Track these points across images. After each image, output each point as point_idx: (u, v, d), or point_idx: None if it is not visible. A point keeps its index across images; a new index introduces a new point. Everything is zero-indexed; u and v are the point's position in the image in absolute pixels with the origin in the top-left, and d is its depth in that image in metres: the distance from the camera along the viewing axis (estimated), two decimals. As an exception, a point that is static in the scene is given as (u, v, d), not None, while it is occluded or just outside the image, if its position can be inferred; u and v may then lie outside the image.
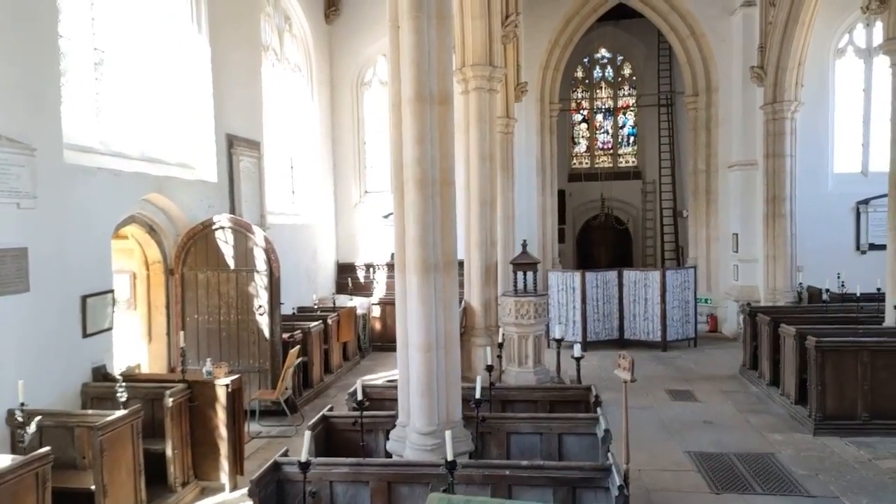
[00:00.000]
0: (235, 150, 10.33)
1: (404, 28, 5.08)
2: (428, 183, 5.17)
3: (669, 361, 12.05)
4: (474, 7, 9.38)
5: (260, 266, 8.82)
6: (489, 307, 10.14)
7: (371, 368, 11.99)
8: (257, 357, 8.90)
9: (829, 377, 7.82)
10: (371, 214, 14.97)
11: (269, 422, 8.70)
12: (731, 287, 14.26)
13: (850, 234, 13.73)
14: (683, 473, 6.82)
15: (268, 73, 12.25)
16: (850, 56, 14.09)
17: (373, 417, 5.59)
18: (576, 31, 15.29)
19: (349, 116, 15.31)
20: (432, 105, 5.15)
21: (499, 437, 5.40)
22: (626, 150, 21.25)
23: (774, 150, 12.57)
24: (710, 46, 14.42)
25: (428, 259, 5.20)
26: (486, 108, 9.78)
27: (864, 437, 7.63)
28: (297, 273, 12.84)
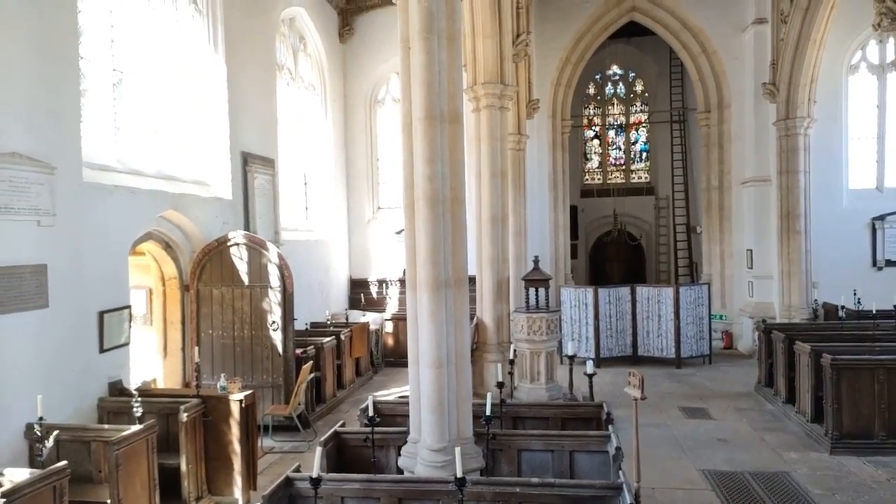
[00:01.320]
0: (250, 167, 10.49)
1: (415, 49, 5.17)
2: (438, 201, 5.24)
3: (683, 378, 11.96)
4: (485, 26, 9.51)
5: (273, 282, 8.91)
6: (501, 323, 10.16)
7: (383, 384, 12.01)
8: (270, 372, 8.97)
9: (845, 395, 7.73)
10: (384, 230, 15.07)
11: (283, 437, 8.74)
12: (746, 303, 14.15)
13: (866, 250, 13.60)
14: (697, 492, 6.76)
15: (282, 91, 12.45)
16: (863, 72, 14.05)
17: (384, 433, 5.62)
18: (587, 48, 15.39)
19: (362, 133, 15.49)
20: (442, 124, 5.23)
21: (510, 454, 5.40)
22: (639, 166, 21.24)
23: (788, 167, 12.53)
24: (722, 63, 14.45)
25: (439, 276, 5.25)
26: (497, 125, 9.88)
27: (882, 456, 7.52)
28: (311, 289, 12.94)
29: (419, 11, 5.11)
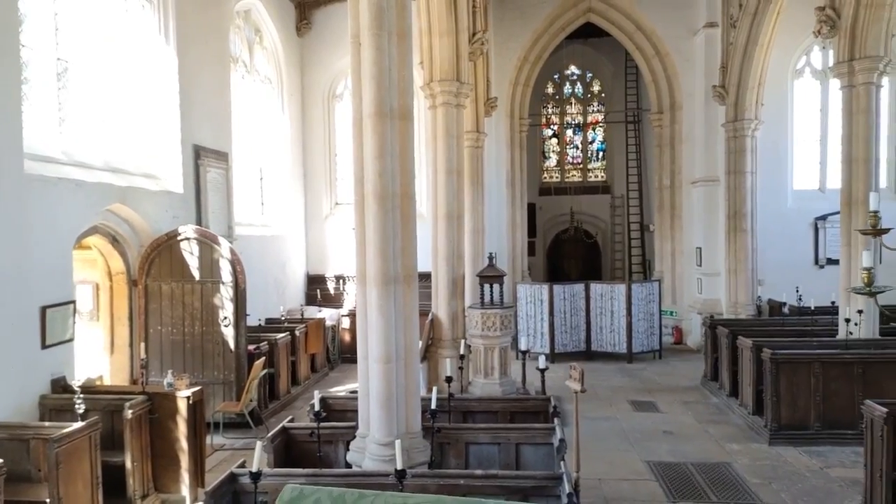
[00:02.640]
0: (203, 160, 10.32)
1: (365, 45, 5.18)
2: (388, 197, 5.27)
3: (634, 373, 12.25)
4: (441, 24, 9.55)
5: (226, 277, 8.81)
6: (456, 319, 10.24)
7: (339, 380, 11.98)
8: (222, 369, 8.86)
9: (783, 388, 8.05)
10: (342, 226, 14.99)
11: (234, 434, 8.65)
12: (695, 300, 14.56)
13: (809, 249, 14.14)
14: (642, 483, 6.96)
15: (237, 84, 12.27)
16: (807, 77, 14.59)
17: (333, 428, 5.63)
18: (545, 48, 15.57)
19: (320, 128, 15.37)
20: (392, 120, 5.26)
21: (457, 448, 5.47)
22: (596, 165, 21.60)
23: (736, 167, 12.94)
24: (675, 65, 14.80)
25: (388, 272, 5.28)
26: (453, 122, 9.92)
27: (817, 446, 7.86)
28: (266, 284, 12.80)
29: (369, 8, 5.12)
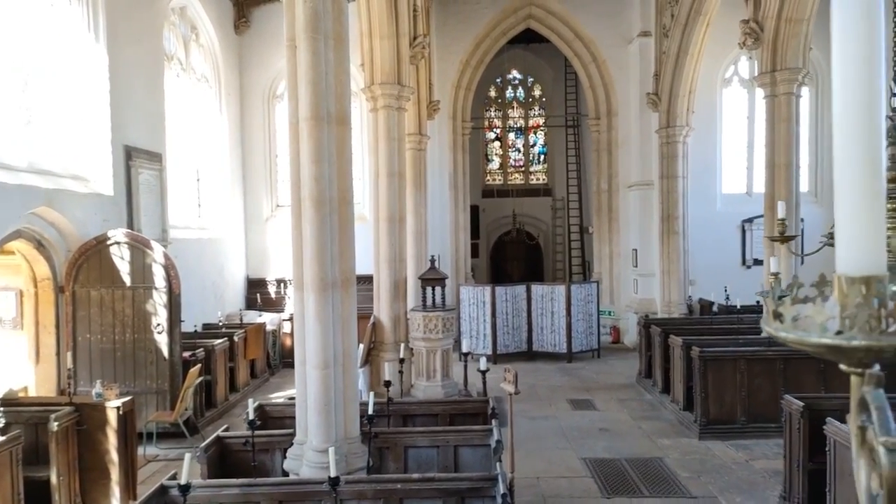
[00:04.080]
0: (134, 162, 9.98)
1: (301, 48, 5.14)
2: (325, 201, 5.24)
3: (573, 372, 12.53)
4: (382, 27, 9.55)
5: (159, 283, 8.55)
6: (399, 322, 10.25)
7: (280, 386, 11.79)
8: (155, 377, 8.59)
9: (711, 384, 8.40)
10: (283, 229, 14.73)
11: (168, 444, 8.39)
12: (632, 300, 15.01)
13: (736, 250, 14.79)
14: (578, 480, 7.13)
15: (172, 83, 11.92)
16: (735, 86, 15.27)
17: (270, 436, 5.55)
18: (487, 52, 15.75)
19: (260, 129, 15.09)
20: (330, 125, 5.24)
21: (396, 452, 5.49)
22: (537, 169, 21.98)
23: (668, 172, 13.42)
24: (611, 73, 15.23)
25: (325, 277, 5.26)
26: (394, 125, 9.94)
27: (743, 439, 8.23)
28: (203, 289, 12.48)
29: (305, 11, 5.09)
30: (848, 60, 0.54)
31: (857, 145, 0.53)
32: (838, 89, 0.55)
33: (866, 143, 0.53)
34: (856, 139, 0.53)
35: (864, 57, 0.52)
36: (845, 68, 0.54)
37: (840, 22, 0.54)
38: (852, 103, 0.53)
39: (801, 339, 0.55)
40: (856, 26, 0.51)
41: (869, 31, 0.51)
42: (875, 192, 0.52)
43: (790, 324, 0.56)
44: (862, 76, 0.53)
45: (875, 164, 0.53)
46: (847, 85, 0.54)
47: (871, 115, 0.52)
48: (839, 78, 0.56)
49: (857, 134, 0.53)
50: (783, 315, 0.57)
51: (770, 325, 0.61)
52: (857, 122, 0.53)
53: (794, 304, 0.58)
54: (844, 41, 0.54)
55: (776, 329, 0.60)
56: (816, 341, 0.54)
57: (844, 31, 0.54)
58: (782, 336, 0.57)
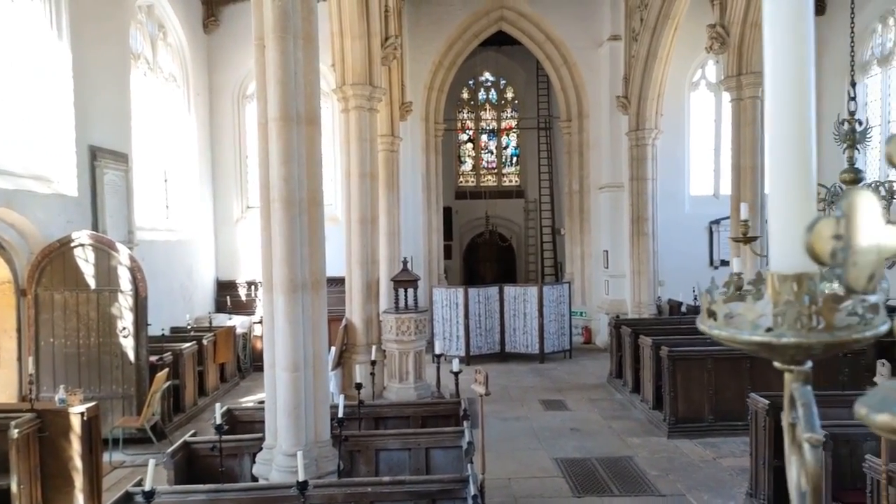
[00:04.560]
0: (99, 162, 9.77)
1: (270, 48, 5.10)
2: (295, 202, 5.19)
3: (546, 373, 12.60)
4: (353, 27, 9.50)
5: (124, 286, 8.38)
6: (371, 324, 10.19)
7: (250, 389, 11.63)
8: (121, 382, 8.42)
9: (680, 384, 8.53)
10: (254, 230, 14.46)
11: (135, 450, 8.24)
12: (603, 301, 15.16)
13: (704, 251, 15.03)
14: (549, 480, 7.17)
15: (139, 82, 11.71)
16: (702, 89, 15.54)
17: (238, 441, 5.48)
18: (459, 54, 15.78)
19: (230, 129, 14.90)
20: (299, 125, 5.19)
21: (367, 455, 5.46)
22: (510, 170, 22.09)
23: (638, 174, 13.59)
24: (582, 75, 15.37)
25: (295, 279, 5.21)
26: (366, 126, 9.89)
27: (710, 437, 8.36)
28: (171, 292, 12.27)
29: (273, 10, 5.04)
30: (778, 61, 0.55)
31: (788, 147, 0.54)
32: (770, 92, 0.57)
33: (797, 146, 0.54)
34: (787, 142, 0.54)
35: (794, 57, 0.53)
36: (776, 70, 0.56)
37: (770, 26, 0.55)
38: (783, 106, 0.54)
39: (733, 337, 0.56)
40: (787, 29, 0.52)
41: (799, 32, 0.52)
42: (806, 193, 0.53)
43: (723, 321, 0.57)
44: (792, 78, 0.54)
45: (806, 166, 0.54)
46: (778, 87, 0.55)
47: (801, 118, 0.54)
48: (770, 80, 0.57)
49: (788, 137, 0.54)
50: (716, 313, 0.58)
51: (704, 323, 0.62)
52: (789, 126, 0.54)
53: (728, 301, 0.59)
54: (775, 43, 0.55)
55: (710, 327, 0.60)
56: (747, 339, 0.55)
57: (775, 32, 0.55)
58: (715, 333, 0.58)
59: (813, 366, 0.55)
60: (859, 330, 0.52)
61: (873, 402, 0.42)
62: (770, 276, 0.55)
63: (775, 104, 0.56)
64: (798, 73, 0.54)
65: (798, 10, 0.53)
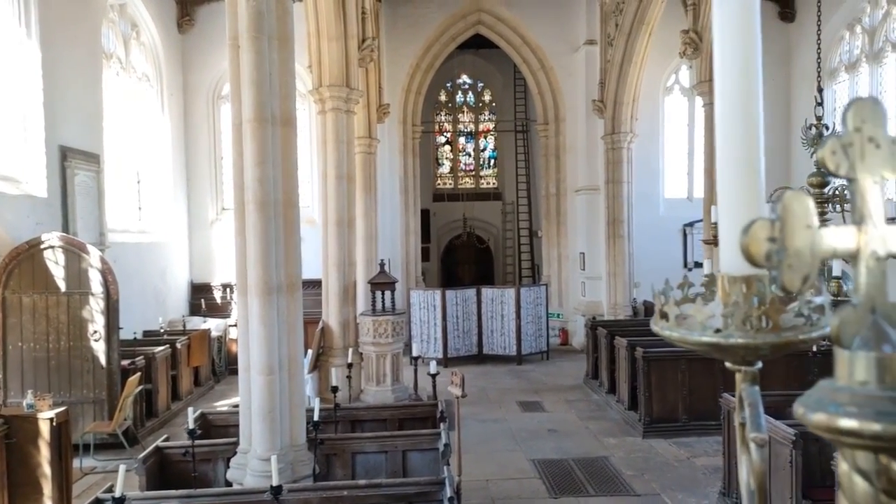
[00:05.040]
0: (70, 162, 9.59)
1: (244, 48, 5.05)
2: (270, 204, 5.15)
3: (523, 374, 12.66)
4: (330, 28, 9.47)
5: (96, 288, 8.23)
6: (348, 327, 10.15)
7: (225, 393, 11.50)
8: (92, 387, 8.27)
9: (654, 384, 8.62)
10: (229, 232, 14.22)
11: (106, 455, 8.08)
12: (580, 302, 15.27)
13: (678, 253, 15.21)
14: (526, 481, 7.20)
15: (111, 82, 11.53)
16: (676, 94, 15.74)
17: (212, 445, 5.42)
18: (436, 57, 15.79)
19: (205, 130, 14.73)
20: (274, 126, 5.16)
21: (344, 458, 5.43)
22: (487, 173, 22.15)
23: (614, 177, 13.73)
24: (558, 79, 15.48)
25: (270, 281, 5.17)
26: (343, 128, 9.86)
27: (685, 437, 8.47)
28: (144, 294, 12.08)
29: (248, 11, 5.00)
30: (726, 66, 0.56)
31: (735, 153, 0.56)
32: (718, 97, 0.58)
33: (745, 152, 0.55)
34: (735, 148, 0.56)
35: (742, 62, 0.55)
36: (724, 75, 0.57)
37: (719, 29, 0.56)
38: (732, 112, 0.55)
39: (684, 338, 0.57)
40: (734, 33, 0.54)
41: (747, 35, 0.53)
42: (754, 197, 0.55)
43: (675, 322, 0.58)
44: (740, 84, 0.55)
45: (753, 171, 0.55)
46: (726, 93, 0.57)
47: (748, 124, 0.55)
48: (719, 85, 0.58)
49: (735, 143, 0.56)
50: (668, 314, 0.59)
51: (657, 324, 0.63)
52: (736, 132, 0.55)
53: (681, 303, 0.60)
54: (723, 46, 0.56)
55: (662, 328, 0.61)
56: (697, 339, 0.56)
57: (723, 36, 0.56)
58: (666, 334, 0.59)
59: (775, 366, 0.56)
60: (805, 331, 0.53)
61: (810, 402, 0.43)
62: (720, 277, 0.56)
63: (723, 111, 0.57)
64: (746, 82, 0.56)
65: (746, 20, 0.54)
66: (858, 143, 0.44)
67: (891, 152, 0.43)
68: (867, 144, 0.44)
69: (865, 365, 0.42)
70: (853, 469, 0.41)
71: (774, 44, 14.45)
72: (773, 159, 14.56)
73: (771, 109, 14.73)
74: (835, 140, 0.45)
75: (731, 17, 0.54)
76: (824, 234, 0.44)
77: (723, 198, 0.58)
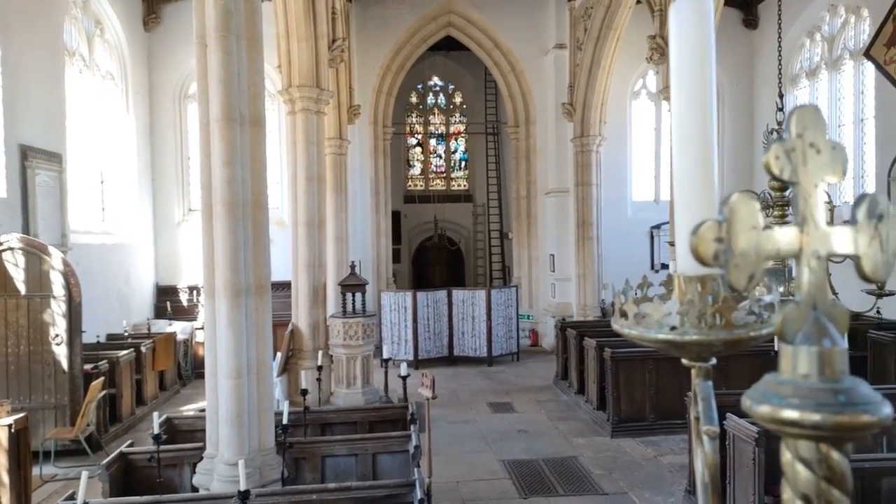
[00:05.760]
0: (30, 162, 9.34)
1: (212, 47, 4.99)
2: (238, 205, 5.09)
3: (494, 375, 12.71)
4: (299, 28, 9.40)
5: (57, 291, 8.03)
6: (318, 329, 10.07)
7: (192, 398, 11.30)
8: (53, 392, 8.06)
9: (622, 384, 8.74)
10: (196, 234, 14.01)
11: (68, 462, 7.89)
12: (550, 304, 15.40)
13: (646, 254, 15.45)
14: (497, 482, 7.24)
15: (74, 80, 11.26)
16: (643, 98, 16.00)
17: (178, 451, 5.33)
18: (407, 58, 15.78)
19: (171, 130, 14.48)
20: (243, 127, 5.10)
21: (313, 462, 5.39)
22: (458, 175, 22.21)
23: (583, 180, 13.89)
24: (528, 82, 15.60)
25: (238, 283, 5.11)
26: (313, 129, 9.79)
27: (652, 436, 8.59)
28: (108, 297, 11.82)
29: (215, 9, 4.94)
30: (683, 75, 0.58)
31: (691, 158, 0.58)
32: (675, 105, 0.60)
33: (699, 157, 0.58)
34: (690, 154, 0.58)
35: (698, 72, 0.57)
36: (680, 82, 0.59)
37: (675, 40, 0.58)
38: (688, 121, 0.58)
39: (642, 336, 0.59)
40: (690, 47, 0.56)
41: (702, 46, 0.55)
42: (708, 201, 0.57)
43: (633, 321, 0.60)
44: (696, 91, 0.58)
45: (708, 176, 0.58)
46: (682, 100, 0.59)
47: (704, 132, 0.57)
48: (675, 92, 0.60)
49: (691, 149, 0.58)
50: (627, 313, 0.61)
51: (617, 322, 0.65)
52: (692, 139, 0.57)
53: (640, 302, 0.62)
54: (679, 56, 0.58)
55: (621, 326, 0.63)
56: (654, 336, 0.58)
57: (679, 45, 0.58)
58: (626, 332, 0.61)
59: (740, 365, 0.58)
60: (756, 328, 0.56)
61: (756, 395, 0.45)
62: (677, 277, 0.58)
63: (680, 119, 0.59)
64: (700, 95, 0.58)
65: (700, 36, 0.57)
66: (800, 149, 0.47)
67: (831, 157, 0.46)
68: (808, 150, 0.47)
69: (807, 359, 0.44)
70: (796, 458, 0.44)
71: (738, 50, 14.80)
72: (738, 162, 14.91)
73: (735, 113, 15.09)
74: (778, 145, 0.48)
75: (686, 32, 0.56)
76: (769, 234, 0.46)
77: (679, 202, 0.60)
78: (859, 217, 0.45)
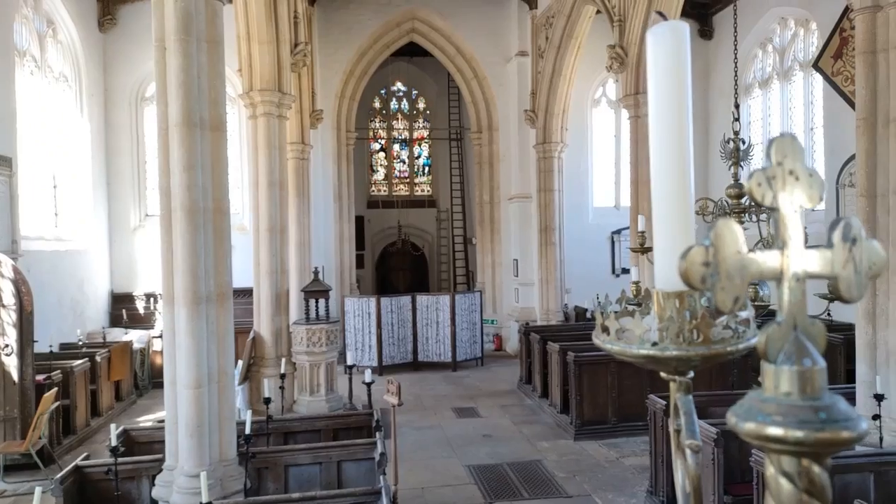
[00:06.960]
0: (-22, 166, 8.99)
1: (171, 50, 4.89)
2: (198, 211, 5.00)
3: (458, 380, 12.73)
4: (261, 32, 9.29)
5: (7, 299, 7.74)
6: (280, 336, 9.93)
7: (150, 408, 11.01)
8: (3, 404, 7.75)
9: (585, 387, 8.85)
10: (153, 239, 13.66)
11: (19, 477, 7.60)
12: (513, 309, 15.51)
13: (607, 259, 15.70)
14: (462, 487, 7.25)
15: (24, 81, 10.89)
16: (603, 106, 16.28)
17: (136, 463, 5.18)
18: (370, 64, 15.74)
19: (127, 133, 14.11)
20: (203, 131, 5.01)
21: (276, 472, 5.30)
22: (422, 180, 22.22)
23: (545, 185, 14.04)
24: (491, 89, 15.72)
25: (199, 290, 5.01)
26: (275, 133, 9.68)
27: (614, 438, 8.73)
28: (61, 305, 11.44)
29: (175, 12, 4.84)
30: (661, 92, 0.60)
31: (670, 181, 0.60)
32: (653, 123, 0.62)
33: (678, 181, 0.60)
34: (669, 177, 0.60)
35: (675, 89, 0.58)
36: (658, 99, 0.61)
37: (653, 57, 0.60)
38: (665, 139, 0.59)
39: (624, 351, 0.61)
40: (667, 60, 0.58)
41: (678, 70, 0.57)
42: (686, 219, 0.59)
43: (615, 336, 0.62)
44: (673, 109, 0.59)
45: (684, 198, 0.60)
46: (660, 118, 0.61)
47: (681, 151, 0.59)
48: (653, 109, 0.62)
49: (670, 173, 0.60)
50: (609, 328, 0.62)
51: (598, 338, 0.66)
52: (670, 162, 0.59)
53: (621, 317, 0.64)
54: (657, 80, 0.60)
55: (603, 341, 0.65)
56: (636, 352, 0.60)
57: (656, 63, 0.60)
58: (608, 348, 0.63)
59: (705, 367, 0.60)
60: (733, 343, 0.58)
61: (741, 412, 0.47)
62: (655, 293, 0.60)
63: (659, 142, 0.61)
64: (678, 119, 0.60)
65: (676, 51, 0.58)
66: (780, 176, 0.49)
67: (808, 184, 0.48)
68: (788, 177, 0.49)
69: (788, 378, 0.46)
70: (779, 472, 0.45)
71: (694, 59, 14.84)
72: (694, 170, 15.26)
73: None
74: (760, 173, 0.50)
75: (663, 58, 0.58)
76: (752, 258, 0.48)
77: (658, 222, 0.62)
78: (835, 240, 0.47)
